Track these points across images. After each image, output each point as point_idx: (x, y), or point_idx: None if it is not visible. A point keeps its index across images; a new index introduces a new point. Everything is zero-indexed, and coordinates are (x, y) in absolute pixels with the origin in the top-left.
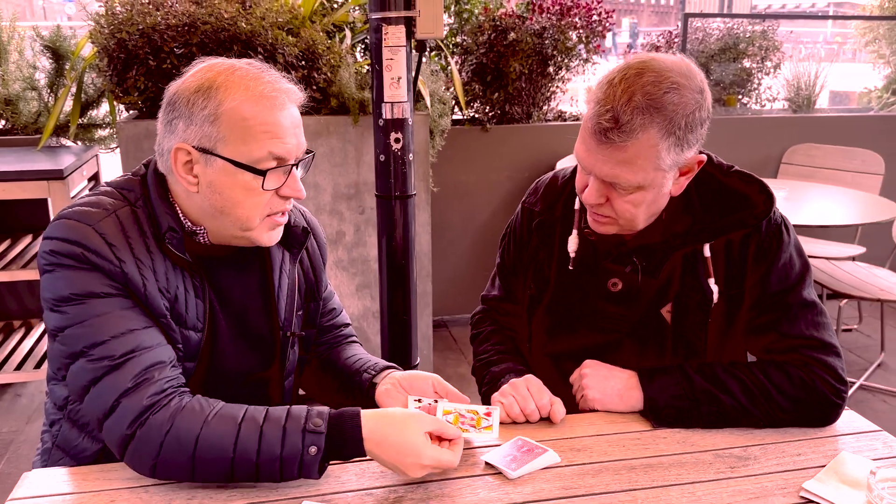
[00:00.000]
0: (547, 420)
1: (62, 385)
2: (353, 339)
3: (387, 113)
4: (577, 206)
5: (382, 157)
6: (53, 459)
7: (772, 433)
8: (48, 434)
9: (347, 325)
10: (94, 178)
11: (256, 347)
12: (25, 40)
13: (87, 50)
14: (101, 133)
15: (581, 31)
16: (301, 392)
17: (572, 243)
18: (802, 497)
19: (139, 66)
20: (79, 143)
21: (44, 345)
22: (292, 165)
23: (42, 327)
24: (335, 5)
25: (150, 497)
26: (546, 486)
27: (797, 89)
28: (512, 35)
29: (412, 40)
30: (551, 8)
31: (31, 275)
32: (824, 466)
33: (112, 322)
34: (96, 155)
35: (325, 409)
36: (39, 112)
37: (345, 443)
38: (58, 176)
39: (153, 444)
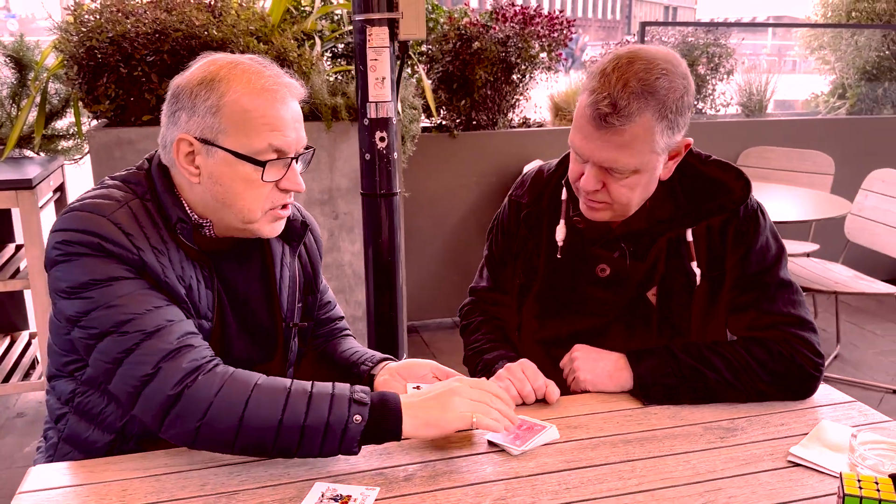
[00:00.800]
0: (542, 402)
1: (66, 380)
2: (348, 332)
3: (371, 112)
4: (563, 196)
5: (368, 157)
6: (61, 454)
7: (756, 407)
8: (53, 430)
9: (341, 318)
10: (60, 188)
11: (259, 338)
12: None
13: (50, 60)
14: (64, 144)
15: (543, 39)
16: None
17: (560, 232)
18: (790, 461)
19: (110, 74)
20: (41, 154)
21: (9, 361)
22: (292, 159)
23: (7, 342)
24: (304, 13)
25: (161, 485)
26: (549, 459)
27: (749, 94)
28: (476, 44)
29: (395, 41)
30: (514, 17)
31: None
32: (807, 434)
33: (137, 300)
34: (62, 165)
35: (367, 387)
36: (1, 123)
37: (385, 413)
38: (26, 185)
39: (201, 404)
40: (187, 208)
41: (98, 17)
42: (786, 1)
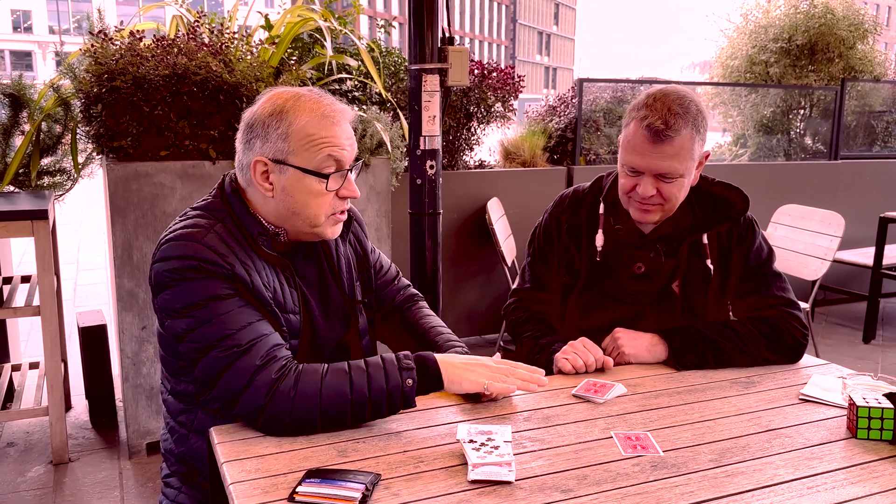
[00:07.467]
0: (599, 371)
1: (185, 384)
2: (419, 298)
3: (423, 144)
4: (601, 210)
5: (419, 181)
6: (192, 444)
7: (761, 369)
8: (178, 425)
9: (408, 285)
10: (53, 222)
11: (337, 317)
12: None
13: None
14: (49, 180)
15: (498, 91)
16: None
17: (599, 239)
18: (801, 399)
19: (132, 112)
20: (19, 190)
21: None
22: (348, 170)
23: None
24: (293, 61)
25: (337, 432)
26: (627, 404)
27: None
28: None
29: (443, 87)
30: (474, 71)
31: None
32: (806, 383)
33: (234, 318)
34: (53, 200)
35: (409, 353)
36: None
37: (428, 373)
38: (42, 216)
39: (286, 405)
40: (263, 221)
41: (117, 59)
42: (655, 64)
